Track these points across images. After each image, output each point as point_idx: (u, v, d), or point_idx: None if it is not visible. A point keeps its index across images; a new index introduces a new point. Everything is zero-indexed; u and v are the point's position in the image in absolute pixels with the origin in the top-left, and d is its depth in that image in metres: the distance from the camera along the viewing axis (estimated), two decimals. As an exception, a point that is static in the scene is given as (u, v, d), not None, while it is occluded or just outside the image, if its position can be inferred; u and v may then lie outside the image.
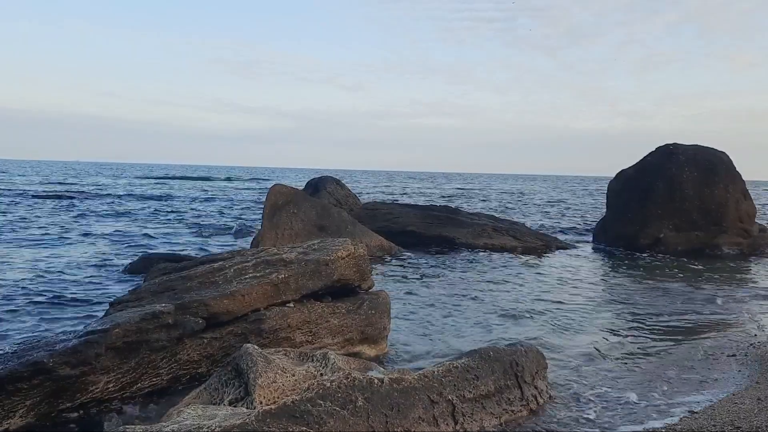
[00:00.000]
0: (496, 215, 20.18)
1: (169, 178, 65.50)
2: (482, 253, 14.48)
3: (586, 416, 4.76)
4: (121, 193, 36.63)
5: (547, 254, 14.95)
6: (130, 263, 11.16)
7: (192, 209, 27.21)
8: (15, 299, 8.54)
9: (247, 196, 38.73)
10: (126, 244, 14.87)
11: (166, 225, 20.02)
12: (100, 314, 6.57)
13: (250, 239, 14.57)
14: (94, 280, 10.11)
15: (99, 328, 4.82)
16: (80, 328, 5.29)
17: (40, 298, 8.61)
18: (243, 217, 23.56)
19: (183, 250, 13.91)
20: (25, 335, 6.75)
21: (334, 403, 3.54)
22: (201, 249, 14.31)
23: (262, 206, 13.67)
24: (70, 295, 8.89)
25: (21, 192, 32.10)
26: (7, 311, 7.89)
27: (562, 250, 15.73)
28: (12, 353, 4.62)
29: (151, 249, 13.79)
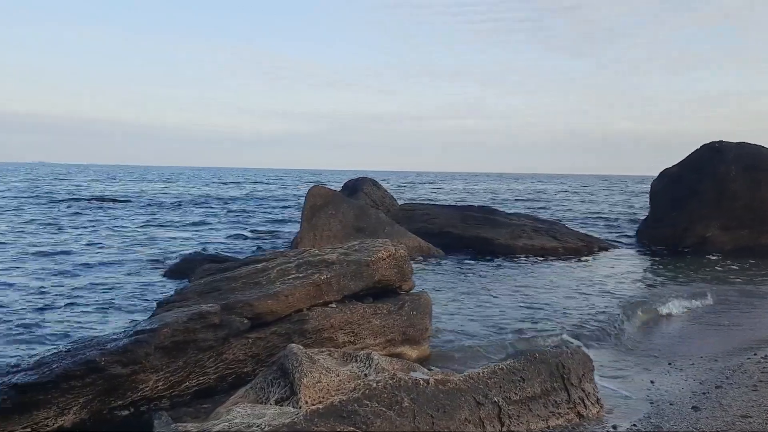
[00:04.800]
0: (535, 215, 19.96)
1: (221, 183, 66.51)
2: (521, 254, 14.34)
3: (634, 419, 4.67)
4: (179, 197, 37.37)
5: (589, 255, 14.73)
6: (173, 264, 11.39)
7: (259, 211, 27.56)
8: (68, 298, 8.81)
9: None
10: (176, 244, 15.18)
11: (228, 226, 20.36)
12: (148, 314, 6.71)
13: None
14: (141, 281, 10.34)
15: (148, 327, 4.93)
16: (129, 327, 5.41)
17: (91, 298, 8.86)
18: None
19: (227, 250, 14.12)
20: (77, 334, 6.95)
21: (380, 404, 3.55)
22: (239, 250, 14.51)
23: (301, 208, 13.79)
24: (118, 295, 9.12)
25: (89, 198, 32.95)
26: (61, 309, 8.14)
27: (604, 251, 15.48)
28: (66, 352, 4.75)
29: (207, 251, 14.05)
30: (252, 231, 19.13)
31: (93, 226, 19.42)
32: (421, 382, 3.85)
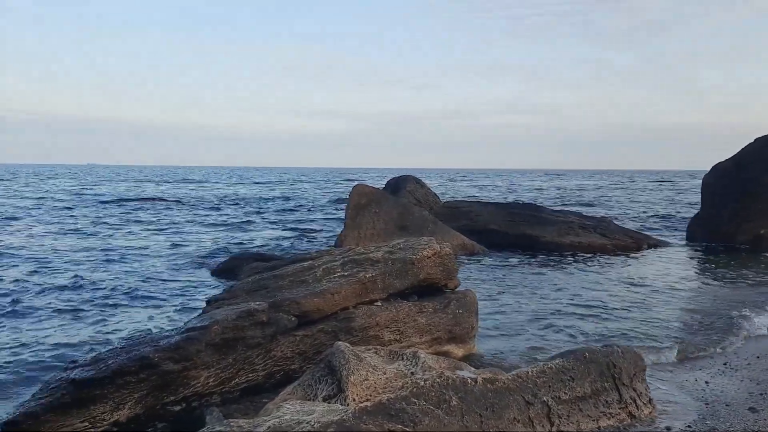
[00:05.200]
0: (581, 212, 19.61)
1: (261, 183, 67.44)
2: (569, 252, 14.11)
3: (688, 420, 4.55)
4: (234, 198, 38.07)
5: (639, 252, 14.41)
6: (221, 263, 11.60)
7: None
8: (120, 296, 9.07)
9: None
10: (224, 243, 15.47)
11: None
12: (197, 312, 6.85)
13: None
14: (190, 279, 10.57)
15: (198, 325, 5.03)
16: (181, 324, 5.53)
17: (143, 295, 9.11)
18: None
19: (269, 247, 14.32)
20: (130, 331, 7.15)
21: (428, 402, 3.54)
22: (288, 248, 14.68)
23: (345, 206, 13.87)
24: (169, 293, 9.35)
25: (141, 198, 33.89)
26: (112, 307, 8.38)
27: (654, 248, 15.11)
28: (121, 348, 4.89)
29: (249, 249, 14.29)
30: (296, 230, 19.34)
31: (142, 225, 19.94)
32: (469, 380, 3.83)
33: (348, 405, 3.84)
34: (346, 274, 5.89)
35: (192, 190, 46.88)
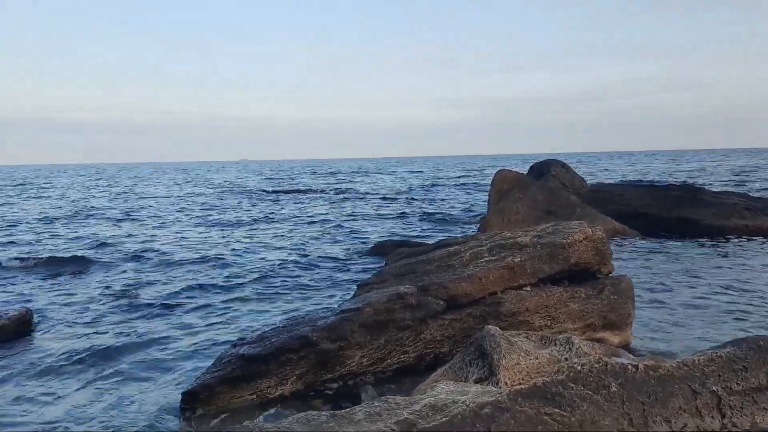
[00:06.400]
0: (746, 193, 17.94)
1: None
2: (733, 236, 12.99)
3: None
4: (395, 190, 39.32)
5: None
6: (366, 249, 11.98)
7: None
8: (276, 280, 9.70)
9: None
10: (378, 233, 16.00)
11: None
12: (349, 295, 7.14)
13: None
14: (339, 265, 11.03)
15: (352, 307, 5.25)
16: (335, 306, 5.80)
17: (299, 280, 9.67)
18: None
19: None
20: (287, 312, 7.62)
21: (586, 387, 3.44)
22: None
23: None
24: (320, 278, 9.83)
25: (290, 190, 36.03)
26: (271, 289, 8.99)
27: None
28: (282, 327, 5.23)
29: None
30: (435, 217, 19.47)
31: (294, 215, 21.07)
32: (630, 367, 3.66)
33: (500, 388, 3.83)
34: (493, 258, 5.85)
35: (332, 181, 48.64)
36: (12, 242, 15.42)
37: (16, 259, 11.66)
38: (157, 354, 6.27)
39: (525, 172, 17.70)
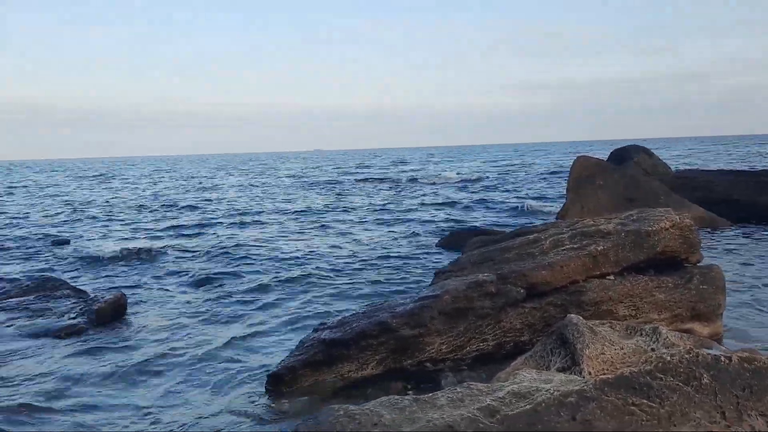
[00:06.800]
0: None
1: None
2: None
3: None
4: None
5: None
6: (441, 238, 11.97)
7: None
8: (352, 268, 9.85)
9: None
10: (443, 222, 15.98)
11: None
12: (426, 283, 7.17)
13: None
14: (415, 253, 11.09)
15: (431, 294, 5.27)
16: (414, 294, 5.84)
17: (373, 267, 9.81)
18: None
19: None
20: (365, 298, 7.74)
21: (676, 378, 3.34)
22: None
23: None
24: (396, 265, 9.93)
25: (367, 179, 36.54)
26: (347, 276, 9.14)
27: None
28: (362, 313, 5.32)
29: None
30: (510, 205, 19.19)
31: (368, 204, 21.29)
32: (723, 358, 3.52)
33: (583, 378, 3.76)
34: (575, 246, 5.73)
35: (404, 170, 48.70)
36: (111, 231, 16.36)
37: (114, 249, 12.34)
38: (243, 338, 6.51)
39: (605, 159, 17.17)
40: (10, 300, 7.90)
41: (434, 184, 31.04)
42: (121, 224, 18.01)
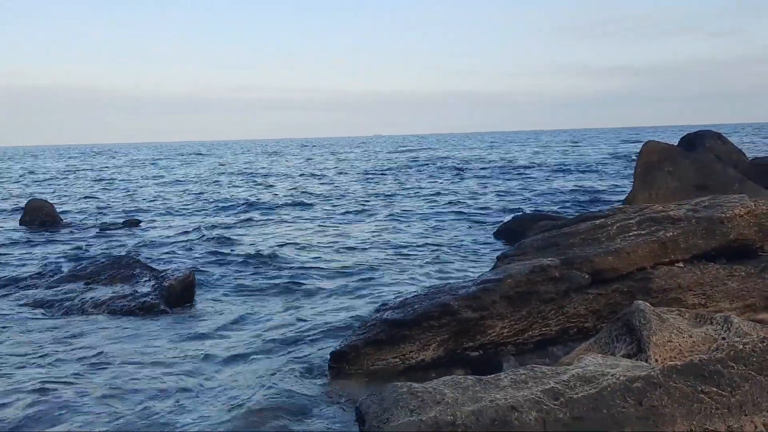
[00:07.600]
0: None
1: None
2: None
3: None
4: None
5: None
6: (504, 222, 11.88)
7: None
8: (412, 252, 9.92)
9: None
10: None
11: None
12: (488, 266, 7.14)
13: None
14: (477, 237, 11.06)
15: (493, 278, 5.26)
16: (475, 277, 5.84)
17: (434, 251, 9.85)
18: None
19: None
20: (426, 279, 7.79)
21: (748, 367, 3.25)
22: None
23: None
24: (457, 249, 9.93)
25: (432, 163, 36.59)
26: (407, 260, 9.23)
27: None
28: (424, 295, 5.37)
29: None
30: (579, 190, 18.80)
31: (427, 189, 21.28)
32: (799, 349, 3.40)
33: (650, 365, 3.70)
34: (643, 232, 5.60)
35: (474, 155, 48.25)
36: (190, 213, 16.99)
37: (185, 231, 12.80)
38: (306, 318, 6.68)
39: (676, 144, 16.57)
40: (89, 276, 8.34)
41: (495, 168, 30.68)
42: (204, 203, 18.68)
